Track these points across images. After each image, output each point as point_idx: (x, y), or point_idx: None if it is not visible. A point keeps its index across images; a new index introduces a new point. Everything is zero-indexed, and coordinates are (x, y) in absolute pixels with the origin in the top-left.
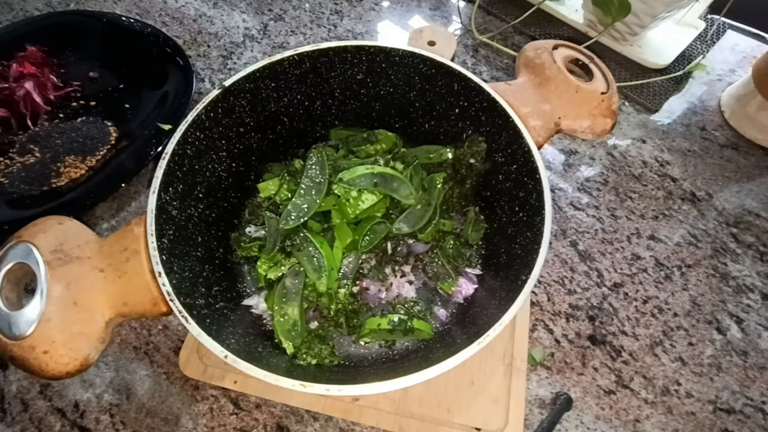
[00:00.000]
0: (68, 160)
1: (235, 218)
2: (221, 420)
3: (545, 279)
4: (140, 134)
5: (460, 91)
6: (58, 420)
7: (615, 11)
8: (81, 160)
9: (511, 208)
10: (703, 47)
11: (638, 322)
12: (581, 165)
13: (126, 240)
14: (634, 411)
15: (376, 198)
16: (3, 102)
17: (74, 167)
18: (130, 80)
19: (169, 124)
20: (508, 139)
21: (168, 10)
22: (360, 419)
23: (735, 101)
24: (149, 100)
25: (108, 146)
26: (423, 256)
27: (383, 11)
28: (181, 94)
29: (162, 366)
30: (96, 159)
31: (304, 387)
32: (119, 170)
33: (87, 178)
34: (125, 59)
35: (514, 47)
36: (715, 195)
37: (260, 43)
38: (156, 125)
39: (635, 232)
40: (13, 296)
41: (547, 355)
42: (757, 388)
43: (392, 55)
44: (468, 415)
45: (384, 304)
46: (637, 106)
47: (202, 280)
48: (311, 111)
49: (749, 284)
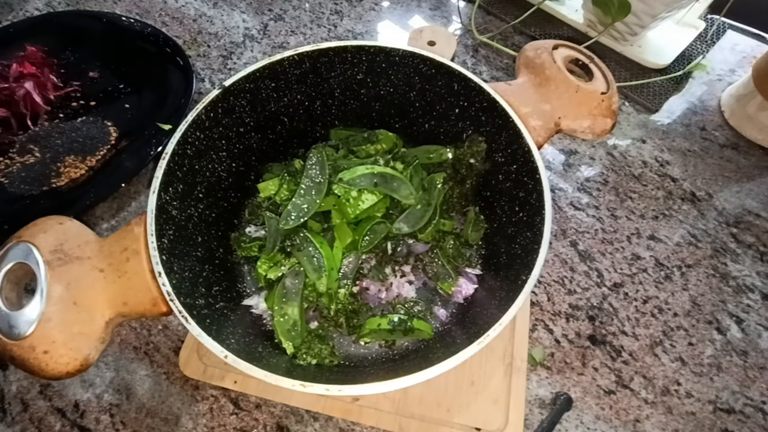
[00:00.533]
0: (68, 160)
1: (235, 218)
2: (221, 420)
3: (545, 279)
4: (140, 134)
5: (460, 91)
6: (58, 420)
7: (615, 11)
8: (81, 160)
9: (511, 208)
10: (703, 47)
11: (638, 322)
12: (581, 165)
13: (126, 240)
14: (634, 411)
15: (376, 198)
16: (3, 102)
17: (74, 167)
18: (130, 80)
19: (169, 124)
20: (508, 139)
21: (168, 10)
22: (360, 419)
23: (735, 101)
24: (149, 100)
25: (108, 146)
26: (423, 256)
27: (383, 11)
28: (181, 94)
29: (162, 366)
30: (96, 159)
31: (304, 387)
32: (119, 170)
33: (87, 178)
34: (125, 59)
35: (514, 47)
36: (715, 195)
37: (260, 43)
38: (156, 125)
39: (635, 232)
40: (13, 296)
41: (547, 355)
42: (757, 388)
43: (392, 55)
44: (468, 415)
45: (384, 304)
46: (637, 106)
47: (202, 280)
48: (311, 111)
49: (749, 284)
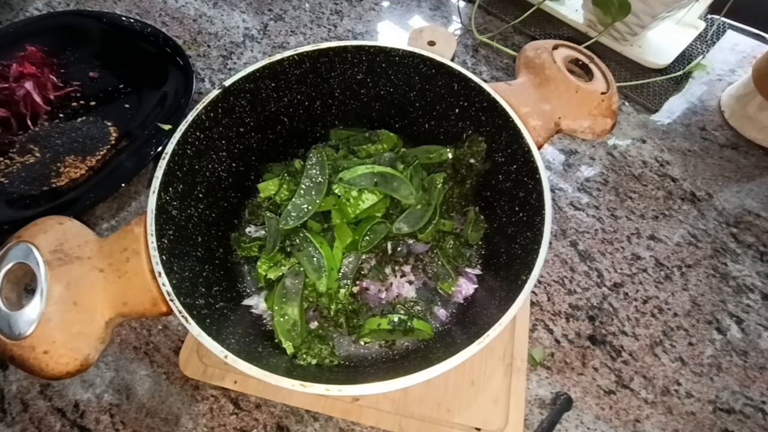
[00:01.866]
0: (68, 160)
1: (235, 218)
2: (221, 420)
3: (545, 279)
4: (140, 134)
5: (460, 91)
6: (58, 420)
7: (615, 11)
8: (81, 160)
9: (511, 208)
10: (703, 47)
11: (638, 322)
12: (581, 165)
13: (126, 240)
14: (634, 411)
15: (376, 198)
16: (3, 102)
17: (74, 167)
18: (130, 80)
19: (169, 124)
20: (508, 139)
21: (168, 10)
22: (360, 419)
23: (735, 101)
24: (149, 100)
25: (108, 146)
26: (423, 256)
27: (383, 11)
28: (181, 94)
29: (162, 366)
30: (96, 159)
31: (304, 387)
32: (119, 170)
33: (87, 178)
34: (125, 59)
35: (514, 47)
36: (715, 195)
37: (260, 43)
38: (156, 125)
39: (635, 232)
40: (13, 296)
41: (547, 355)
42: (757, 388)
43: (392, 55)
44: (468, 415)
45: (384, 304)
46: (637, 106)
47: (202, 280)
48: (311, 111)
49: (749, 284)
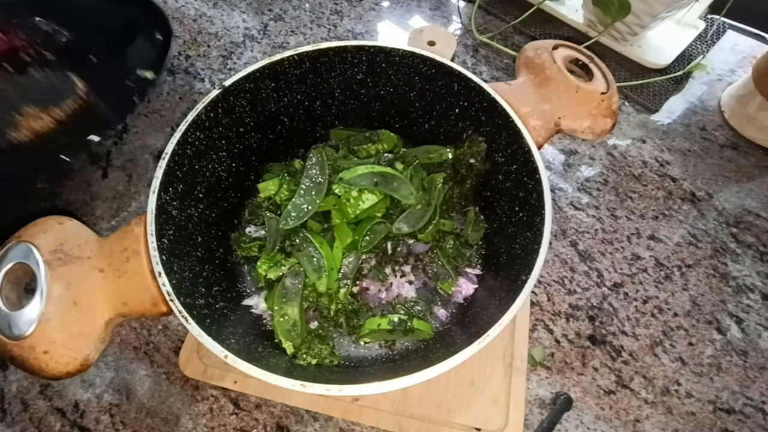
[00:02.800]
0: (26, 110)
1: (235, 218)
2: (221, 420)
3: (545, 279)
4: (117, 85)
5: (460, 91)
6: (58, 420)
7: (615, 11)
8: (43, 110)
9: (511, 208)
10: (703, 47)
11: (638, 322)
12: (581, 165)
13: (126, 240)
14: (634, 411)
15: (376, 198)
16: None
17: (36, 117)
18: (90, 29)
19: (151, 70)
20: (508, 139)
21: (168, 10)
22: (360, 419)
23: (735, 101)
24: (120, 50)
25: (74, 96)
26: (423, 256)
27: (383, 11)
28: (160, 43)
29: (162, 366)
30: (63, 111)
31: (304, 387)
32: (93, 121)
33: (55, 132)
34: (83, 7)
35: (514, 47)
36: (715, 195)
37: (260, 43)
38: (136, 74)
39: (635, 232)
40: (13, 296)
41: (547, 355)
42: (757, 388)
43: (392, 55)
44: (468, 415)
45: (384, 304)
46: (637, 106)
47: (202, 280)
48: (311, 111)
49: (749, 284)
